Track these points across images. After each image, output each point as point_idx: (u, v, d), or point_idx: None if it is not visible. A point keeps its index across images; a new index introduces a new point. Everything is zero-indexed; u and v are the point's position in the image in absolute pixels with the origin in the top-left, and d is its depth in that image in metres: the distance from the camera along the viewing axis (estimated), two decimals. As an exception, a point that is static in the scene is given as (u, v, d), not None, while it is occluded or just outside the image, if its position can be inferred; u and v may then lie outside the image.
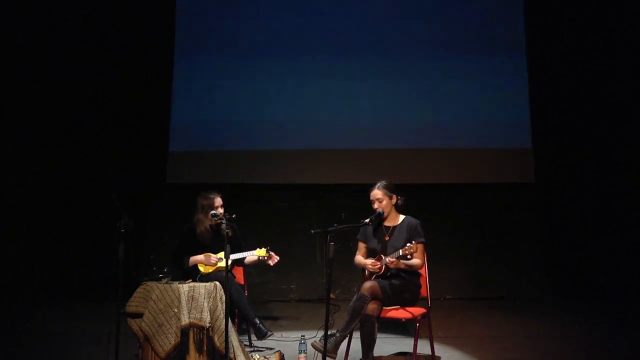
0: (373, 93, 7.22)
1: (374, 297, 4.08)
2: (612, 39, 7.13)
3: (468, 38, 7.23)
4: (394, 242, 4.28)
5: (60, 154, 7.22)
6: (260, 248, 4.83)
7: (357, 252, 4.47)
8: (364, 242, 4.45)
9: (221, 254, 4.77)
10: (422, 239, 4.26)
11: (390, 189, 4.35)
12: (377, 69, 7.24)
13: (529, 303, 6.76)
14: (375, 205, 4.32)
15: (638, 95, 7.00)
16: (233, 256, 4.69)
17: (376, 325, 4.09)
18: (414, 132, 7.14)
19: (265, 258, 4.82)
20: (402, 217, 4.41)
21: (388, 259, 4.13)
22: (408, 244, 4.08)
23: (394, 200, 4.36)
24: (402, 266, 4.16)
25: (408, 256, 4.08)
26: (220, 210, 4.81)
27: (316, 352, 4.06)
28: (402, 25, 7.28)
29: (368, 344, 4.05)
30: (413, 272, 4.27)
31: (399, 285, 4.22)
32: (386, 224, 4.39)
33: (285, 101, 7.25)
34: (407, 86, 7.21)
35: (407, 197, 4.43)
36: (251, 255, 4.85)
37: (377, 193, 4.34)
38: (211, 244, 4.86)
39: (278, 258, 4.89)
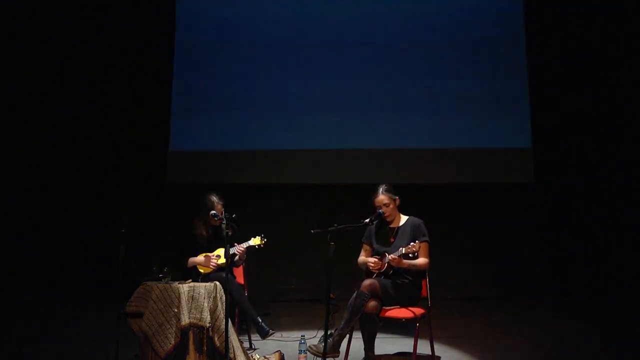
0: (373, 93, 7.21)
1: (372, 294, 4.08)
2: (613, 38, 7.12)
3: (468, 39, 7.22)
4: (398, 242, 4.28)
5: (61, 154, 7.22)
6: (255, 237, 4.81)
7: (361, 254, 4.48)
8: (369, 244, 4.45)
9: (217, 251, 4.77)
10: (426, 238, 4.27)
11: (393, 192, 4.36)
12: (378, 69, 7.23)
13: (529, 303, 6.75)
14: (382, 210, 4.31)
15: (639, 95, 6.99)
16: (232, 249, 4.69)
17: (377, 322, 4.11)
18: (414, 132, 7.13)
19: (262, 246, 4.78)
20: (405, 217, 4.41)
21: (390, 257, 4.13)
22: (411, 243, 4.08)
23: (397, 202, 4.37)
24: (405, 265, 4.16)
25: (410, 255, 4.09)
26: (220, 208, 4.79)
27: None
28: (402, 25, 7.27)
29: (371, 339, 4.14)
30: (414, 271, 4.26)
31: (399, 284, 4.22)
32: (391, 225, 4.40)
33: (285, 101, 7.24)
34: (407, 86, 7.20)
35: (407, 197, 4.43)
36: (246, 245, 4.79)
37: (383, 199, 4.32)
38: (210, 244, 4.86)
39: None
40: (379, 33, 7.27)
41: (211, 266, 4.73)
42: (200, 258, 4.77)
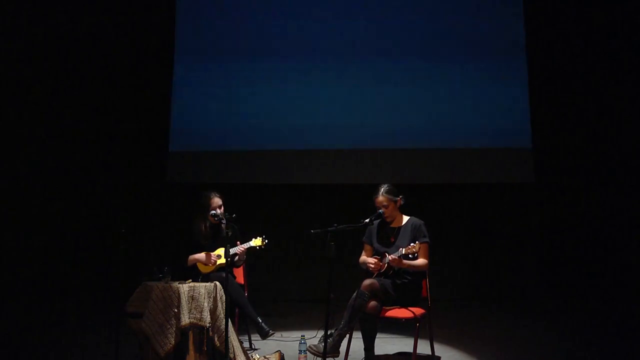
0: (373, 93, 7.21)
1: (373, 294, 4.09)
2: (613, 37, 7.12)
3: (468, 39, 7.22)
4: (399, 243, 4.28)
5: (61, 154, 7.22)
6: (256, 238, 4.81)
7: (362, 254, 4.48)
8: (369, 243, 4.45)
9: (218, 251, 4.77)
10: (427, 239, 4.27)
11: (394, 193, 4.35)
12: (377, 69, 7.23)
13: (529, 303, 6.76)
14: (382, 210, 4.31)
15: (638, 95, 6.99)
16: (233, 249, 4.68)
17: (377, 322, 4.11)
18: (414, 132, 7.13)
19: (263, 247, 4.78)
20: (406, 218, 4.42)
21: (390, 257, 4.13)
22: (411, 244, 4.09)
23: (398, 203, 4.37)
24: (405, 266, 4.16)
25: (410, 255, 4.09)
26: (220, 211, 4.80)
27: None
28: (402, 27, 7.28)
29: (371, 339, 4.15)
30: (415, 272, 4.26)
31: (400, 284, 4.22)
32: (391, 225, 4.40)
33: (285, 101, 7.25)
34: (407, 86, 7.20)
35: (407, 197, 4.43)
36: (247, 246, 4.79)
37: (382, 200, 4.32)
38: (210, 244, 4.85)
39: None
40: (381, 33, 7.27)
41: (212, 263, 4.73)
42: (201, 255, 4.77)
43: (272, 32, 7.35)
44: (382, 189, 4.35)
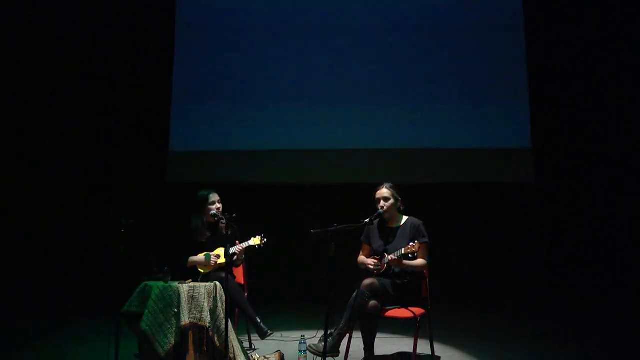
0: (373, 93, 7.22)
1: (373, 294, 4.08)
2: (614, 37, 7.12)
3: (468, 38, 7.22)
4: (397, 243, 4.27)
5: (61, 154, 7.22)
6: (255, 237, 4.79)
7: (360, 253, 4.48)
8: (368, 243, 4.45)
9: (217, 251, 4.76)
10: (426, 239, 4.27)
11: (397, 191, 4.36)
12: (378, 70, 7.23)
13: (528, 303, 6.76)
14: (381, 204, 4.30)
15: (638, 95, 7.00)
16: (232, 249, 4.67)
17: (377, 322, 4.12)
18: (414, 132, 7.14)
19: (262, 246, 4.76)
20: (405, 218, 4.41)
21: (390, 257, 4.13)
22: (411, 244, 4.08)
23: (399, 204, 4.37)
24: (405, 266, 4.16)
25: (410, 255, 4.09)
26: (218, 206, 4.78)
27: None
28: (402, 23, 7.28)
29: (371, 339, 4.14)
30: (415, 272, 4.26)
31: (400, 284, 4.22)
32: (390, 225, 4.40)
33: (285, 101, 7.25)
34: (407, 86, 7.21)
35: (407, 197, 4.43)
36: (245, 245, 4.76)
37: (385, 191, 4.32)
38: (209, 243, 4.85)
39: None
40: (381, 34, 7.28)
41: (212, 264, 4.72)
42: (201, 257, 4.76)
43: (272, 32, 7.35)
44: (386, 184, 4.36)
